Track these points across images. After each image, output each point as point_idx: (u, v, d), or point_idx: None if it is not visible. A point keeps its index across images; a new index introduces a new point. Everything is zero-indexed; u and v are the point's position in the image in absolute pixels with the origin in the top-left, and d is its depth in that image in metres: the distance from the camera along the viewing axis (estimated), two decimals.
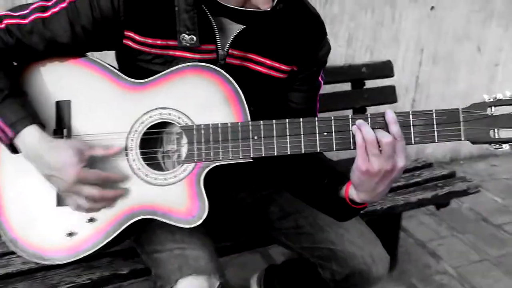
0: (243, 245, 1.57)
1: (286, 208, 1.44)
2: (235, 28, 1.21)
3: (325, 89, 2.20)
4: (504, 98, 1.10)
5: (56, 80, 1.22)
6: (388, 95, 2.23)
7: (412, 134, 1.10)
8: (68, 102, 1.21)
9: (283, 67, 1.28)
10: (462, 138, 1.09)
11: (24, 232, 1.22)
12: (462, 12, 2.78)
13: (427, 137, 1.10)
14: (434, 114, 1.09)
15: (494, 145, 1.11)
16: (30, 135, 1.12)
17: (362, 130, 1.07)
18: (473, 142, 1.11)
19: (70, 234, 1.20)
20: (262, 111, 1.23)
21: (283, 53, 1.28)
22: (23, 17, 1.15)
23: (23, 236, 1.22)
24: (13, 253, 1.31)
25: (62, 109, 1.21)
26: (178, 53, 1.19)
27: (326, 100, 2.10)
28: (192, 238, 1.24)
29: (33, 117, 1.14)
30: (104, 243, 1.19)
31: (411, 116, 1.10)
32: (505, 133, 1.12)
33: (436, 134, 1.09)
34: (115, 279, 1.41)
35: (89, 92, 1.21)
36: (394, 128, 1.06)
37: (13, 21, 1.15)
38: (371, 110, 2.20)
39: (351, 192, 1.18)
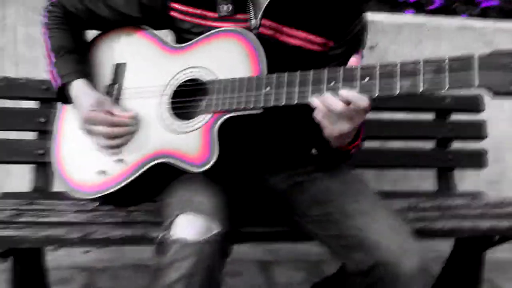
0: (270, 234, 1.52)
1: (317, 197, 1.41)
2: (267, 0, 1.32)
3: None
4: None
5: (118, 45, 1.47)
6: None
7: (420, 81, 1.04)
8: (124, 64, 1.44)
9: (317, 39, 1.34)
10: (476, 84, 1.00)
11: (69, 170, 1.43)
12: None
13: (436, 84, 1.03)
14: (446, 60, 1.03)
15: None
16: (76, 86, 1.39)
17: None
18: (495, 93, 1.01)
19: (102, 172, 1.36)
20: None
21: (316, 25, 1.34)
22: None
23: (67, 173, 1.43)
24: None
25: (118, 69, 1.45)
26: (214, 23, 1.34)
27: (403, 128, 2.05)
28: (205, 191, 1.28)
29: (81, 72, 1.40)
30: (129, 180, 1.33)
31: (421, 63, 1.05)
32: None
33: (447, 80, 1.02)
34: (144, 241, 1.47)
35: (141, 56, 1.44)
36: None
37: None
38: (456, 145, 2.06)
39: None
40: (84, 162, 1.40)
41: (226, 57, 1.29)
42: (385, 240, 1.24)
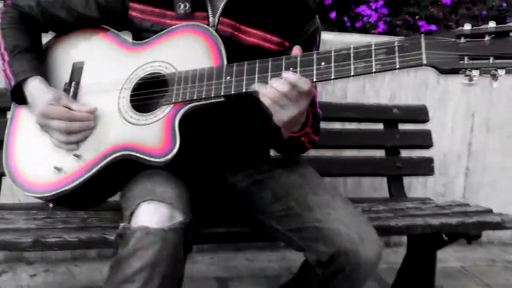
0: (232, 235, 1.51)
1: (278, 192, 1.42)
2: None
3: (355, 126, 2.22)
4: (477, 28, 1.09)
5: (76, 45, 1.45)
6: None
7: (373, 62, 1.10)
8: (81, 63, 1.42)
9: (274, 38, 1.39)
10: (424, 62, 1.07)
11: (23, 170, 1.37)
12: None
13: (388, 64, 1.09)
14: (396, 42, 1.10)
15: (465, 74, 1.08)
16: (32, 83, 1.35)
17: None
18: (441, 71, 1.09)
19: (58, 170, 1.31)
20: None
21: (272, 24, 1.39)
22: None
23: (21, 174, 1.36)
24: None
25: (76, 68, 1.43)
26: (174, 21, 1.36)
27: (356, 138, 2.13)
28: (168, 182, 1.27)
29: (37, 70, 1.36)
30: (86, 176, 1.29)
31: (373, 46, 1.11)
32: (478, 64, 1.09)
33: (397, 60, 1.09)
34: (101, 244, 1.42)
35: (100, 54, 1.42)
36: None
37: None
38: (404, 153, 2.16)
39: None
40: (40, 161, 1.34)
41: (186, 51, 1.30)
42: (344, 229, 1.26)
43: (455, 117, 2.70)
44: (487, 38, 1.09)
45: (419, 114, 2.18)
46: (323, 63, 1.15)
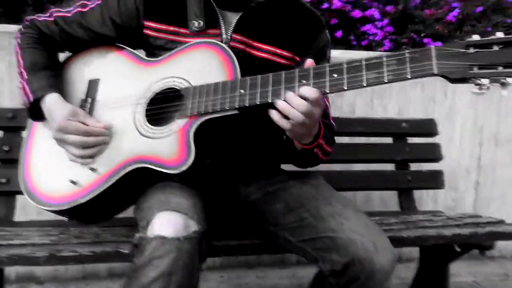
0: (247, 247, 1.51)
1: (290, 204, 1.43)
2: (237, 16, 1.41)
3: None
4: (486, 38, 1.11)
5: (91, 63, 1.49)
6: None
7: (385, 73, 1.13)
8: (97, 80, 1.46)
9: (285, 53, 1.43)
10: (435, 72, 1.09)
11: (39, 185, 1.39)
12: None
13: (400, 74, 1.11)
14: (407, 53, 1.12)
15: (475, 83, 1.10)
16: (49, 100, 1.39)
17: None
18: (452, 80, 1.11)
19: (73, 182, 1.34)
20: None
21: (283, 40, 1.42)
22: (68, 11, 1.47)
23: (37, 188, 1.39)
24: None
25: (92, 85, 1.46)
26: (187, 39, 1.40)
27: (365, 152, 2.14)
28: (182, 193, 1.28)
29: (55, 87, 1.40)
30: (102, 189, 1.31)
31: (384, 57, 1.14)
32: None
33: (408, 70, 1.11)
34: (115, 258, 1.43)
35: (114, 70, 1.46)
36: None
37: (60, 14, 1.47)
38: (414, 166, 2.17)
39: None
40: (56, 175, 1.37)
41: (199, 66, 1.33)
42: (358, 237, 1.26)
43: (463, 131, 2.71)
44: (495, 48, 1.11)
45: (428, 127, 2.19)
46: (335, 75, 1.17)
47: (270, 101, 1.22)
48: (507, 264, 2.76)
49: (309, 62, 1.23)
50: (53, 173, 1.38)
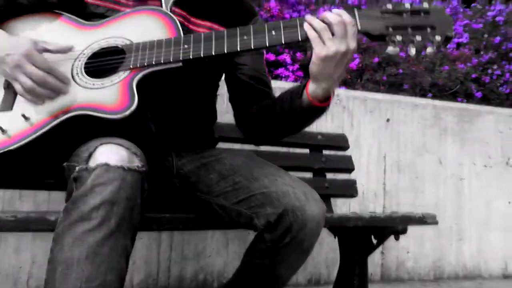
0: (180, 220, 1.50)
1: (224, 172, 1.48)
2: None
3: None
4: (397, 6, 1.31)
5: (28, 27, 1.46)
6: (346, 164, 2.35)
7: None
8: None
9: (221, 29, 1.51)
10: (359, 28, 1.27)
11: None
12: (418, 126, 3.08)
13: None
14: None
15: (391, 40, 1.28)
16: None
17: (312, 23, 1.26)
18: (373, 37, 1.28)
19: (2, 130, 1.25)
20: (206, 73, 1.44)
21: (220, 17, 1.53)
22: None
23: None
24: None
25: None
26: (128, 8, 1.45)
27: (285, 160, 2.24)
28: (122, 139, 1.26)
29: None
30: (35, 136, 1.24)
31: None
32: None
33: None
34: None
35: (51, 33, 1.43)
36: (343, 14, 1.26)
37: None
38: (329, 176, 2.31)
39: (311, 88, 1.32)
40: None
41: (142, 27, 1.37)
42: (291, 189, 1.33)
43: (370, 158, 2.95)
44: (404, 15, 1.32)
45: (341, 141, 2.38)
46: (273, 31, 1.30)
47: (213, 54, 1.30)
48: (416, 285, 2.90)
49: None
50: None
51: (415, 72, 3.79)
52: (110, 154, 1.13)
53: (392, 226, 1.83)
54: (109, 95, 1.27)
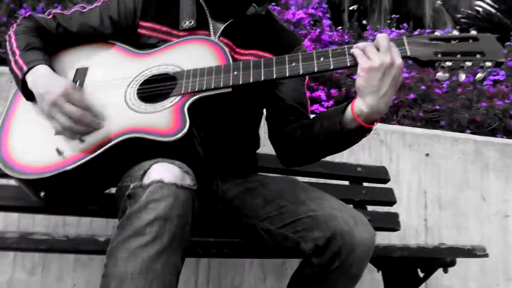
0: (225, 245, 1.50)
1: (269, 197, 1.49)
2: (225, 24, 1.55)
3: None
4: (445, 35, 1.34)
5: (82, 55, 1.53)
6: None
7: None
8: (86, 68, 1.48)
9: (266, 54, 1.55)
10: (408, 54, 1.29)
11: (17, 154, 1.34)
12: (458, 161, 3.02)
13: None
14: None
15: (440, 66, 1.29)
16: (40, 69, 1.38)
17: (358, 45, 1.29)
18: (421, 62, 1.29)
19: (59, 152, 1.30)
20: (252, 101, 1.47)
21: (265, 45, 1.58)
22: (67, 12, 1.56)
23: (14, 158, 1.33)
24: None
25: (80, 72, 1.48)
26: (178, 39, 1.52)
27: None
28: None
29: (49, 61, 1.41)
30: (89, 157, 1.27)
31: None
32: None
33: None
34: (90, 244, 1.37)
35: (104, 61, 1.50)
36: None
37: (58, 12, 1.55)
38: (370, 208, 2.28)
39: (356, 103, 1.30)
40: (39, 144, 1.33)
41: (192, 55, 1.42)
42: (338, 213, 1.32)
43: (410, 193, 2.90)
44: (453, 42, 1.34)
45: (381, 173, 2.35)
46: (321, 58, 1.33)
47: (262, 80, 1.33)
48: None
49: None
50: (36, 143, 1.34)
51: (451, 109, 3.76)
52: (164, 171, 1.15)
53: (440, 258, 1.77)
54: (162, 119, 1.30)
